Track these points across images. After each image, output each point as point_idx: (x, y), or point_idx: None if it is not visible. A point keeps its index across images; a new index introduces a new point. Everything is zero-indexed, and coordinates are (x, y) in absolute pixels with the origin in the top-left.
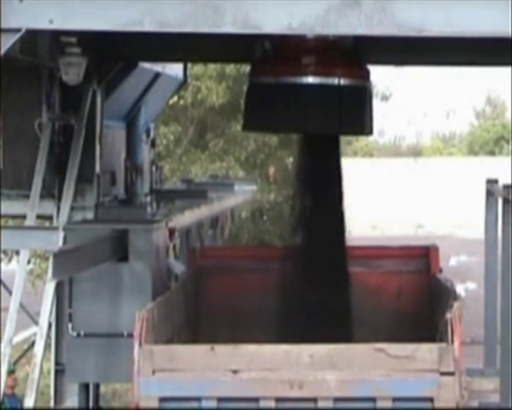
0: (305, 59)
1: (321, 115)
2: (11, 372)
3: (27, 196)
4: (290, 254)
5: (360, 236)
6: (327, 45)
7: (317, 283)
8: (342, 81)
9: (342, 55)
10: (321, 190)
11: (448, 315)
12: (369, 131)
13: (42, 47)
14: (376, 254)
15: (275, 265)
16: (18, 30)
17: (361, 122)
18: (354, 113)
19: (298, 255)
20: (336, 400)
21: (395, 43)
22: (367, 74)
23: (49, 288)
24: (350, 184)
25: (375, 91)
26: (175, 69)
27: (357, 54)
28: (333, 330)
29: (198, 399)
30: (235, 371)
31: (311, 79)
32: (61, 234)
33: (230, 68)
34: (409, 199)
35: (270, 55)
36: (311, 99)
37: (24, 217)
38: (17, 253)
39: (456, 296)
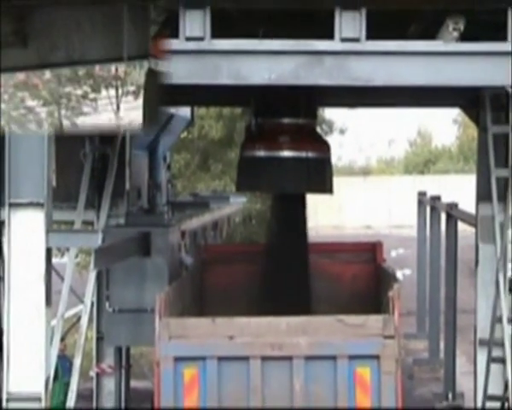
0: (281, 138)
1: (294, 180)
2: (62, 339)
3: (75, 207)
4: (270, 250)
5: (325, 234)
6: (297, 127)
7: (289, 271)
8: (309, 154)
9: (309, 134)
10: (291, 213)
11: (390, 293)
12: (330, 191)
13: None
14: (336, 248)
15: (261, 257)
16: None
17: (324, 184)
18: (318, 178)
19: (275, 251)
20: (307, 358)
21: (349, 91)
22: (327, 148)
23: (92, 276)
24: (317, 197)
25: (334, 126)
26: (185, 111)
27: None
28: (302, 306)
29: (203, 358)
30: (231, 337)
31: (286, 153)
32: (100, 235)
33: (226, 110)
34: (360, 207)
35: (255, 136)
36: (286, 168)
37: (72, 223)
38: (67, 250)
39: (395, 279)
